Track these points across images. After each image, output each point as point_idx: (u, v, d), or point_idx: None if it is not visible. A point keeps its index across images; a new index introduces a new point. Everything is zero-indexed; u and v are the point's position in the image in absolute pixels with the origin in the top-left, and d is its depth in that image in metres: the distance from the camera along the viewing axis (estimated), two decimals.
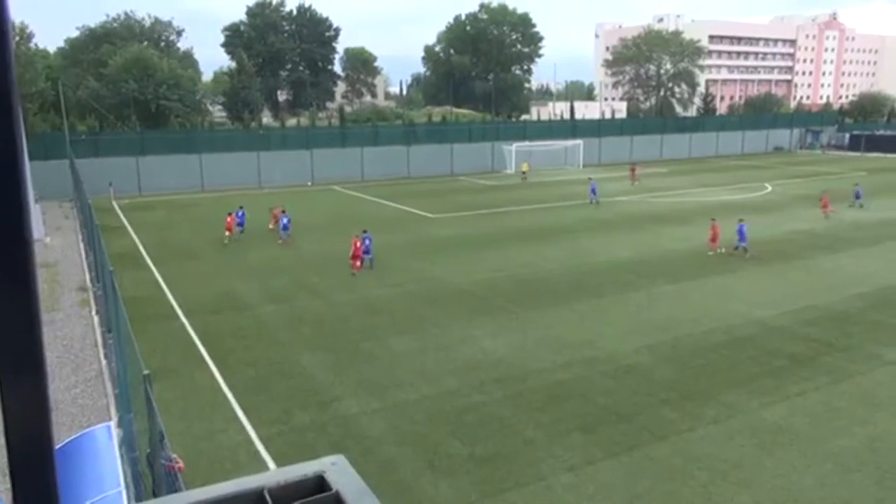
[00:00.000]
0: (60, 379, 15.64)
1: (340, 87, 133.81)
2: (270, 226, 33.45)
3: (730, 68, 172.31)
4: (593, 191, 41.60)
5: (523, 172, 57.78)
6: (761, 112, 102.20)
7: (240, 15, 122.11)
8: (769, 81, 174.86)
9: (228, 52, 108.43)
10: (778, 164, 64.81)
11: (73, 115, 62.82)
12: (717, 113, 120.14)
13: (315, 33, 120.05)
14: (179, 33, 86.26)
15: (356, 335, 18.52)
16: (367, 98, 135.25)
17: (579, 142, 63.44)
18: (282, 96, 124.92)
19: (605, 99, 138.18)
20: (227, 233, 30.94)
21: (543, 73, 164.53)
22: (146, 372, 6.43)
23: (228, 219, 31.32)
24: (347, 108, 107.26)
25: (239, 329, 19.18)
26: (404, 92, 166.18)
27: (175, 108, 68.09)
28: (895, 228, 32.56)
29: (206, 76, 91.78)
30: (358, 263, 25.29)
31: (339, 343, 17.96)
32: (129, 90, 65.70)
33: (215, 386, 15.34)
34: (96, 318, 19.72)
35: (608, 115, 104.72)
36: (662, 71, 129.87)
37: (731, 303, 20.96)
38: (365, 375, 15.82)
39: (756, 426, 13.21)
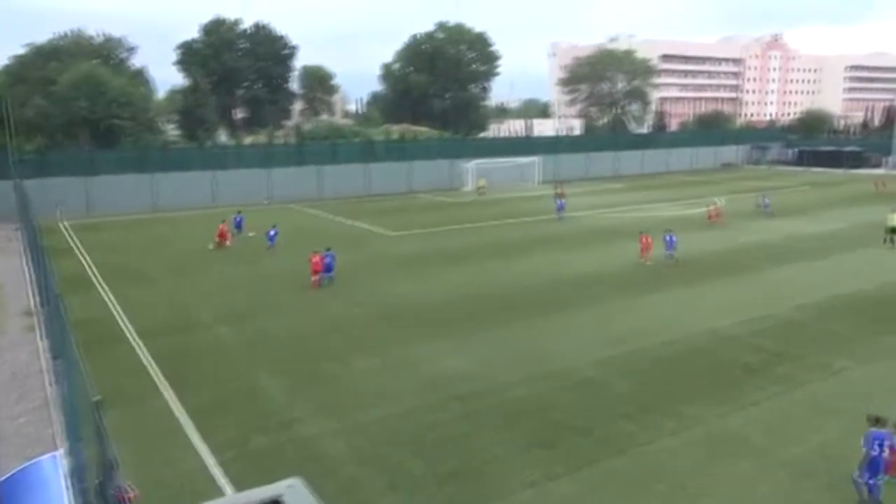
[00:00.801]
0: (5, 408, 15.03)
1: (298, 105, 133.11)
2: (210, 246, 33.97)
3: (680, 86, 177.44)
4: (560, 206, 43.02)
5: (480, 188, 58.40)
6: (711, 129, 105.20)
7: (194, 33, 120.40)
8: (718, 99, 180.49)
9: (183, 70, 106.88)
10: (727, 180, 66.68)
11: (19, 135, 61.01)
12: (669, 130, 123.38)
13: (271, 51, 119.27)
14: (132, 50, 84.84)
15: (316, 355, 18.28)
16: (325, 116, 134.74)
17: (536, 158, 64.25)
18: (238, 114, 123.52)
19: (561, 116, 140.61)
20: (217, 239, 33.38)
21: (501, 91, 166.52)
22: (96, 398, 6.22)
23: (221, 226, 34.01)
24: (305, 126, 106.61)
25: (194, 351, 18.75)
26: (362, 110, 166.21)
27: (127, 127, 66.67)
28: (841, 240, 33.74)
29: (160, 94, 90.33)
30: (315, 278, 25.59)
31: (298, 363, 17.71)
32: (78, 108, 64.17)
33: (170, 410, 14.93)
34: (42, 344, 19.04)
35: (564, 132, 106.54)
36: (616, 89, 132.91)
37: (687, 314, 21.38)
38: (325, 396, 15.61)
39: (713, 436, 13.44)
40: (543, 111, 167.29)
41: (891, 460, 11.07)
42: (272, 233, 33.68)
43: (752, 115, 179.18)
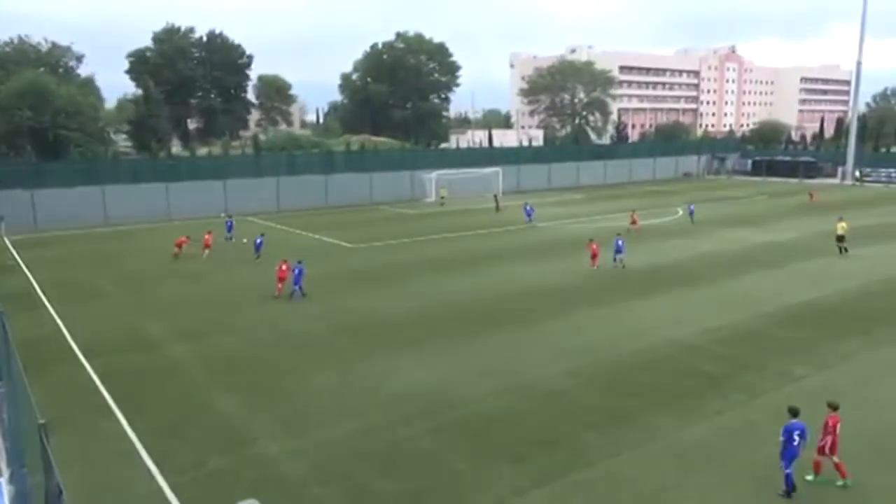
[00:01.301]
0: None
1: (254, 115, 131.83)
2: (176, 251, 34.54)
3: (640, 97, 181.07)
4: (528, 213, 45.55)
5: (442, 198, 58.61)
6: (671, 139, 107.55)
7: (146, 40, 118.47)
8: (677, 110, 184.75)
9: (134, 79, 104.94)
10: (688, 189, 68.16)
11: None
12: (630, 140, 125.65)
13: (227, 60, 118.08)
14: (80, 59, 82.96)
15: (275, 372, 18.00)
16: (283, 126, 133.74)
17: (498, 169, 64.72)
18: (192, 125, 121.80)
19: (522, 127, 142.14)
20: (205, 248, 34.48)
21: (461, 102, 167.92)
22: (41, 421, 5.99)
23: (207, 237, 35.14)
24: (262, 137, 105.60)
25: (147, 370, 18.28)
26: (321, 120, 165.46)
27: (75, 138, 65.06)
28: (797, 249, 34.73)
29: (110, 103, 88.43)
30: (280, 286, 25.88)
31: (256, 381, 17.40)
32: (22, 118, 62.38)
33: (121, 433, 14.50)
34: None
35: (525, 143, 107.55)
36: (576, 100, 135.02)
37: (650, 324, 21.70)
38: (285, 414, 15.36)
39: (678, 447, 13.62)
40: (505, 122, 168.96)
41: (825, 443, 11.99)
42: (258, 241, 34.74)
43: (710, 125, 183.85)
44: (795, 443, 11.74)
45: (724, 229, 41.72)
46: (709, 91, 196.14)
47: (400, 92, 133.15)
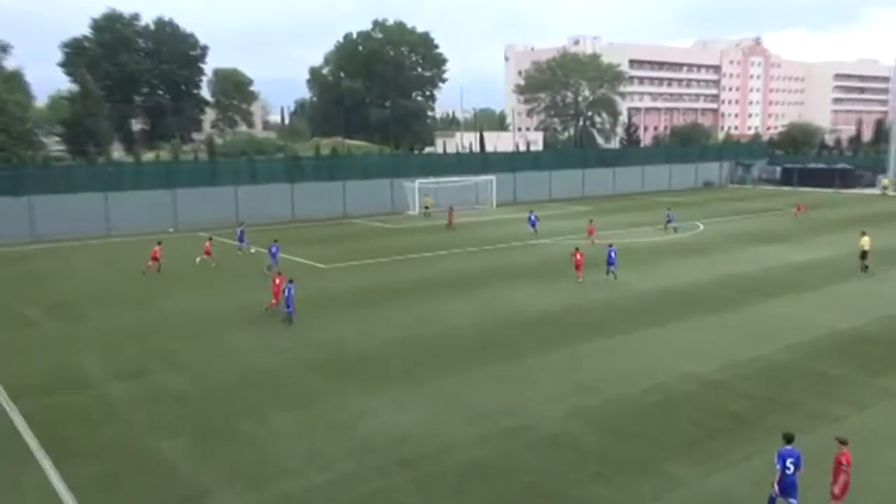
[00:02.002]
0: None
1: (209, 115, 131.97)
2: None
3: (653, 95, 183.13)
4: (532, 223, 47.73)
5: (426, 207, 59.02)
6: (688, 143, 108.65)
7: (83, 28, 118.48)
8: (695, 110, 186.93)
9: (69, 73, 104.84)
10: (709, 201, 68.82)
11: None
12: (642, 144, 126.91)
13: (177, 51, 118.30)
14: (5, 49, 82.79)
15: (230, 413, 17.87)
16: (243, 128, 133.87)
17: (491, 177, 65.10)
18: (136, 126, 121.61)
19: (519, 129, 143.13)
20: (205, 255, 37.14)
21: (449, 100, 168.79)
22: None
23: (208, 244, 37.97)
24: (218, 140, 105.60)
25: (80, 412, 18.09)
26: (287, 120, 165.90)
27: None
28: (832, 269, 35.07)
29: (41, 101, 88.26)
30: (274, 301, 27.02)
31: (208, 424, 17.26)
32: None
33: (48, 486, 14.32)
34: None
35: (523, 147, 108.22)
36: (580, 98, 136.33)
37: (665, 358, 21.78)
38: (241, 462, 15.23)
39: (700, 498, 13.62)
40: (499, 123, 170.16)
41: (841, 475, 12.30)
42: (273, 249, 35.73)
43: (733, 127, 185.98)
44: (790, 471, 12.24)
45: (750, 247, 42.09)
46: (731, 89, 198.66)
47: (377, 89, 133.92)
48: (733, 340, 23.49)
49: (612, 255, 33.14)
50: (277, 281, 27.38)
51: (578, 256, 33.40)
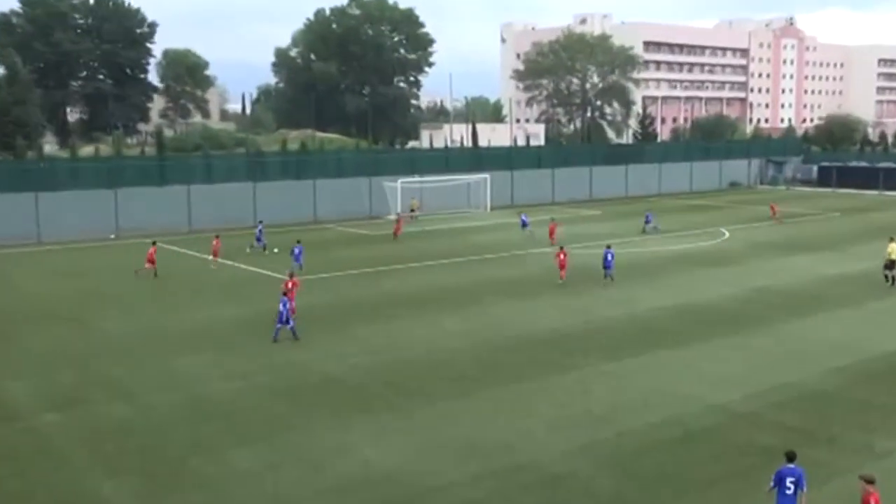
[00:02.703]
0: None
1: (158, 103, 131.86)
2: (146, 266, 37.16)
3: (671, 83, 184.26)
4: (524, 223, 50.57)
5: (412, 211, 59.11)
6: (712, 138, 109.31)
7: (11, 2, 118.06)
8: (719, 100, 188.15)
9: None
10: (736, 204, 69.22)
11: None
12: (659, 139, 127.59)
13: (121, 29, 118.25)
14: None
15: (181, 449, 17.80)
16: (197, 118, 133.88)
17: (485, 176, 65.25)
18: (73, 115, 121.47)
19: (518, 120, 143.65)
20: (212, 257, 40.10)
21: (436, 87, 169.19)
22: None
23: (215, 242, 40.49)
24: (168, 132, 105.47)
25: (6, 448, 17.98)
26: (248, 110, 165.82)
27: None
28: (876, 284, 35.20)
29: None
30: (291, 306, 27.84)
31: (155, 461, 17.19)
32: None
33: None
34: None
35: (521, 142, 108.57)
36: (588, 85, 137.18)
37: (686, 384, 21.86)
38: None
39: None
40: (494, 114, 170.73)
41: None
42: (297, 251, 38.21)
43: (763, 120, 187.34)
44: (790, 491, 12.71)
45: (783, 256, 42.36)
46: (760, 75, 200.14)
47: (354, 73, 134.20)
48: (763, 364, 23.60)
49: (609, 257, 34.68)
50: (290, 285, 28.68)
51: (562, 256, 35.45)
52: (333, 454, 17.46)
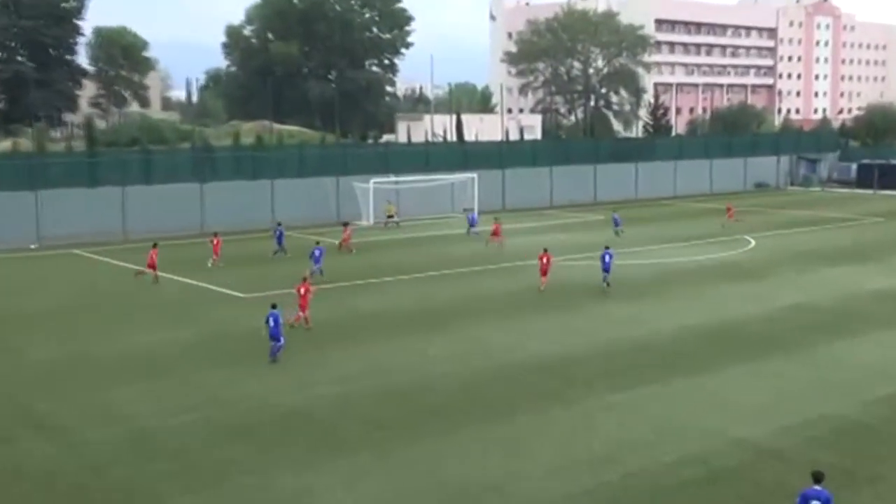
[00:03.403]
0: None
1: (89, 90, 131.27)
2: (146, 270, 39.23)
3: (688, 67, 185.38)
4: (472, 221, 54.27)
5: (389, 217, 59.21)
6: (735, 131, 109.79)
7: None
8: (743, 87, 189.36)
9: None
10: (763, 208, 69.63)
11: None
12: (674, 133, 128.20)
13: (44, 4, 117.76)
14: None
15: (117, 495, 17.72)
16: (134, 107, 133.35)
17: (472, 175, 65.22)
18: None
19: (510, 110, 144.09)
20: (213, 257, 43.07)
21: (415, 72, 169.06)
22: None
23: (215, 241, 43.31)
24: (100, 124, 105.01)
25: None
26: (195, 98, 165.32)
27: None
28: None
29: None
30: (300, 315, 30.20)
31: None
32: None
33: None
34: None
35: (514, 136, 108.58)
36: (591, 70, 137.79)
37: (705, 417, 21.93)
38: None
39: None
40: (483, 102, 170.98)
41: None
42: (317, 252, 40.01)
43: (793, 110, 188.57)
44: None
45: (817, 269, 42.68)
46: (790, 59, 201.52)
47: (319, 55, 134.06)
48: (794, 394, 23.71)
49: (608, 258, 35.76)
50: (303, 290, 30.02)
51: (545, 260, 36.87)
52: (295, 500, 17.42)
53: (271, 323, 26.87)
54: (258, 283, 39.43)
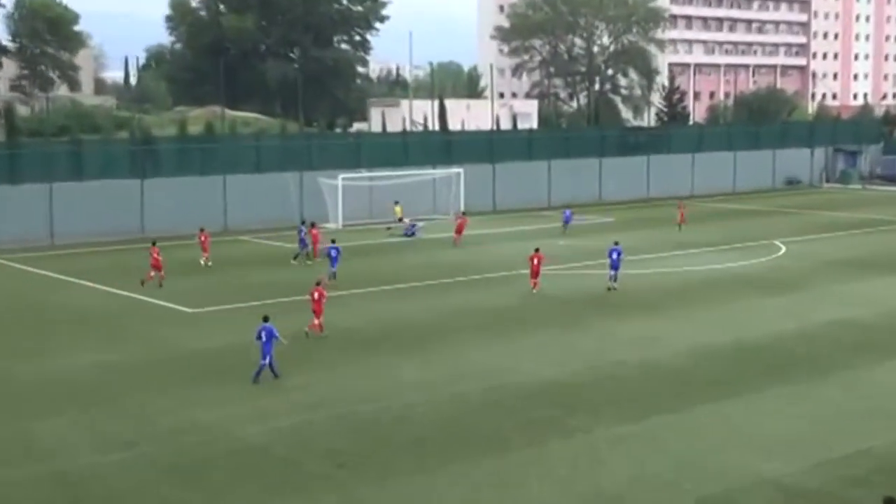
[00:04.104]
0: None
1: (8, 70, 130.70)
2: (153, 274, 40.81)
3: (708, 45, 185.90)
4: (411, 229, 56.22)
5: (399, 220, 59.30)
6: (763, 119, 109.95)
7: None
8: (772, 68, 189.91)
9: None
10: (794, 209, 69.86)
11: None
12: (691, 121, 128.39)
13: None
14: None
15: None
16: (63, 90, 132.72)
17: (458, 170, 65.13)
18: None
19: (501, 95, 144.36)
20: (203, 254, 46.32)
21: (391, 50, 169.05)
22: None
23: (202, 237, 46.16)
24: (23, 110, 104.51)
25: None
26: (133, 80, 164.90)
27: None
28: None
29: None
30: (316, 322, 32.03)
31: None
32: None
33: None
34: None
35: (507, 124, 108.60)
36: (597, 48, 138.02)
37: (729, 450, 21.85)
38: None
39: None
40: (469, 86, 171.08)
41: None
42: (334, 253, 42.04)
43: (830, 95, 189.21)
44: None
45: (858, 279, 42.79)
46: (826, 35, 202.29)
47: (279, 30, 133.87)
48: (832, 423, 23.69)
49: (616, 255, 37.34)
50: (316, 295, 31.79)
51: (536, 261, 38.84)
52: None
53: (263, 338, 27.10)
54: (208, 296, 39.28)
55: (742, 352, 30.63)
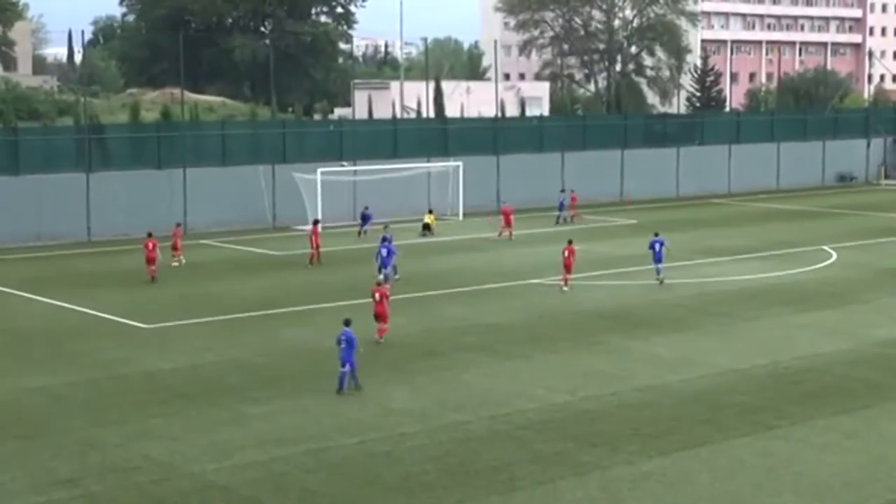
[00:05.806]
0: None
1: None
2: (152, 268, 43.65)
3: (746, 20, 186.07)
4: (366, 219, 58.46)
5: (427, 229, 59.21)
6: (811, 106, 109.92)
7: None
8: (822, 46, 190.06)
9: None
10: (847, 210, 69.85)
11: None
12: (728, 107, 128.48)
13: None
14: None
15: None
16: None
17: (457, 163, 65.14)
18: None
19: (507, 77, 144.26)
20: (174, 253, 48.80)
21: (379, 24, 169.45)
22: None
23: (176, 231, 49.39)
24: None
25: None
26: (78, 58, 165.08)
27: None
28: None
29: None
30: (383, 326, 33.77)
31: None
32: None
33: None
34: None
35: (513, 111, 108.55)
36: (618, 22, 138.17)
37: (771, 491, 21.75)
38: None
39: None
40: (470, 67, 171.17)
41: None
42: (384, 251, 43.35)
43: (890, 78, 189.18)
44: None
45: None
46: (885, 9, 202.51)
47: (248, 3, 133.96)
48: (891, 462, 23.66)
49: (658, 247, 39.74)
50: (378, 296, 33.42)
51: (568, 253, 41.12)
52: None
53: (343, 344, 28.24)
54: (167, 310, 39.31)
55: (785, 375, 30.62)
